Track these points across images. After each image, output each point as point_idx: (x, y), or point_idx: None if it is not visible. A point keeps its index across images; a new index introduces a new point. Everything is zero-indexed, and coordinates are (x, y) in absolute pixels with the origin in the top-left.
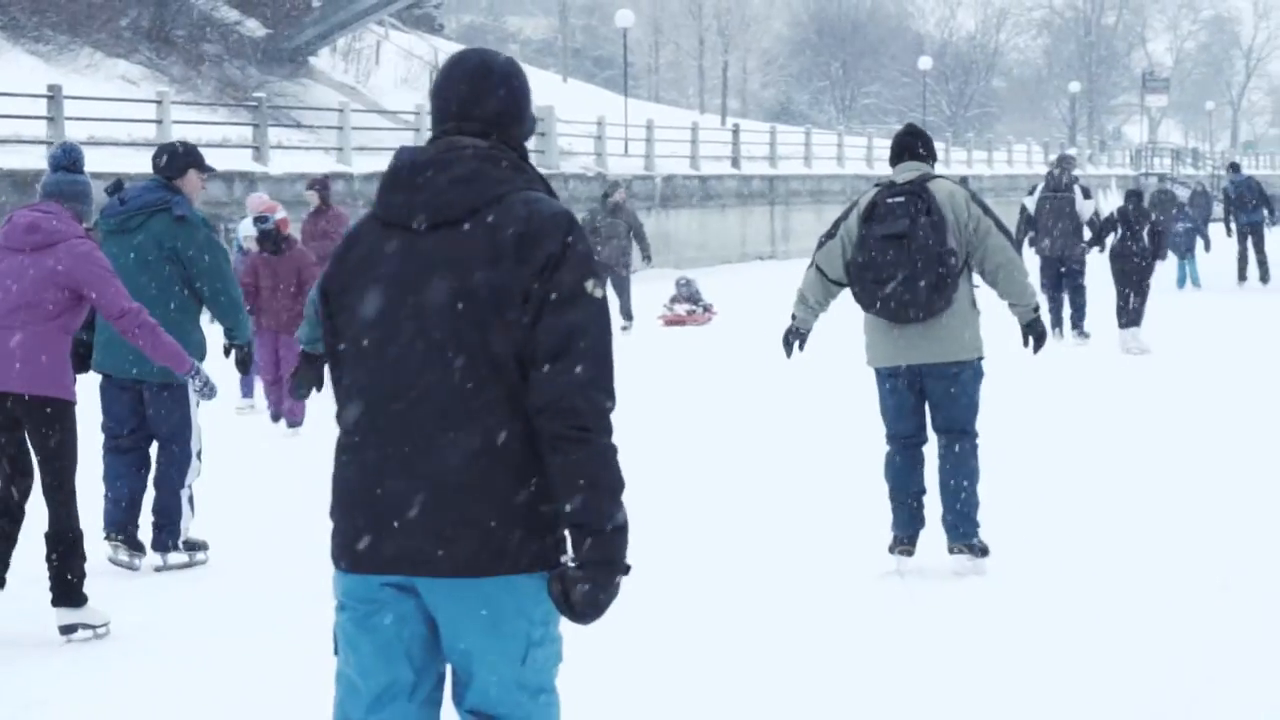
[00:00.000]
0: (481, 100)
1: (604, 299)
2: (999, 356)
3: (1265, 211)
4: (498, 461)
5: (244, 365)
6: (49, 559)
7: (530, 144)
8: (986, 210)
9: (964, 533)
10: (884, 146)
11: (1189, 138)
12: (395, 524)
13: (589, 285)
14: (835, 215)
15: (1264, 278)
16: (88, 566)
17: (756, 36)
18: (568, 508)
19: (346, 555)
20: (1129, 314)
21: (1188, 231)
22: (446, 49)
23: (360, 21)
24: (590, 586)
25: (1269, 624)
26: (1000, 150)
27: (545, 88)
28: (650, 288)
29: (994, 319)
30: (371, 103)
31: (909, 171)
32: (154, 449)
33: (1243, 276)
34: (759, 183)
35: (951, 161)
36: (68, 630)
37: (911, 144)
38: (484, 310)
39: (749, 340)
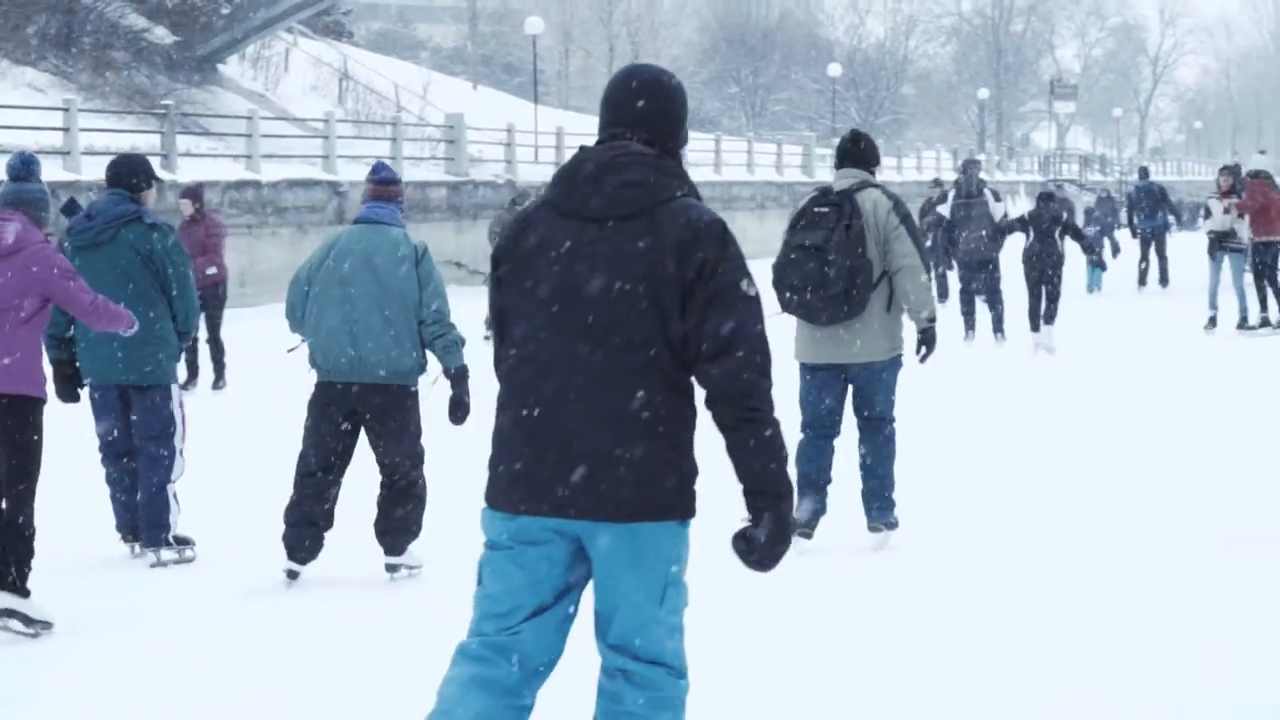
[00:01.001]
0: (654, 113)
1: (758, 295)
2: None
3: (1167, 217)
4: (649, 423)
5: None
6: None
7: (439, 151)
8: (904, 219)
9: (880, 510)
10: (793, 153)
11: (1097, 144)
12: (562, 476)
13: (744, 285)
14: (745, 222)
15: (1163, 281)
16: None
17: (666, 43)
18: (747, 476)
19: (512, 501)
20: (1044, 314)
21: (1095, 236)
22: (356, 56)
23: (269, 29)
24: (770, 541)
25: (1176, 600)
26: (910, 157)
27: (455, 95)
28: None
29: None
30: (280, 110)
31: (847, 179)
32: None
33: (1143, 281)
34: None
35: None
36: (2, 614)
37: (853, 150)
38: (643, 296)
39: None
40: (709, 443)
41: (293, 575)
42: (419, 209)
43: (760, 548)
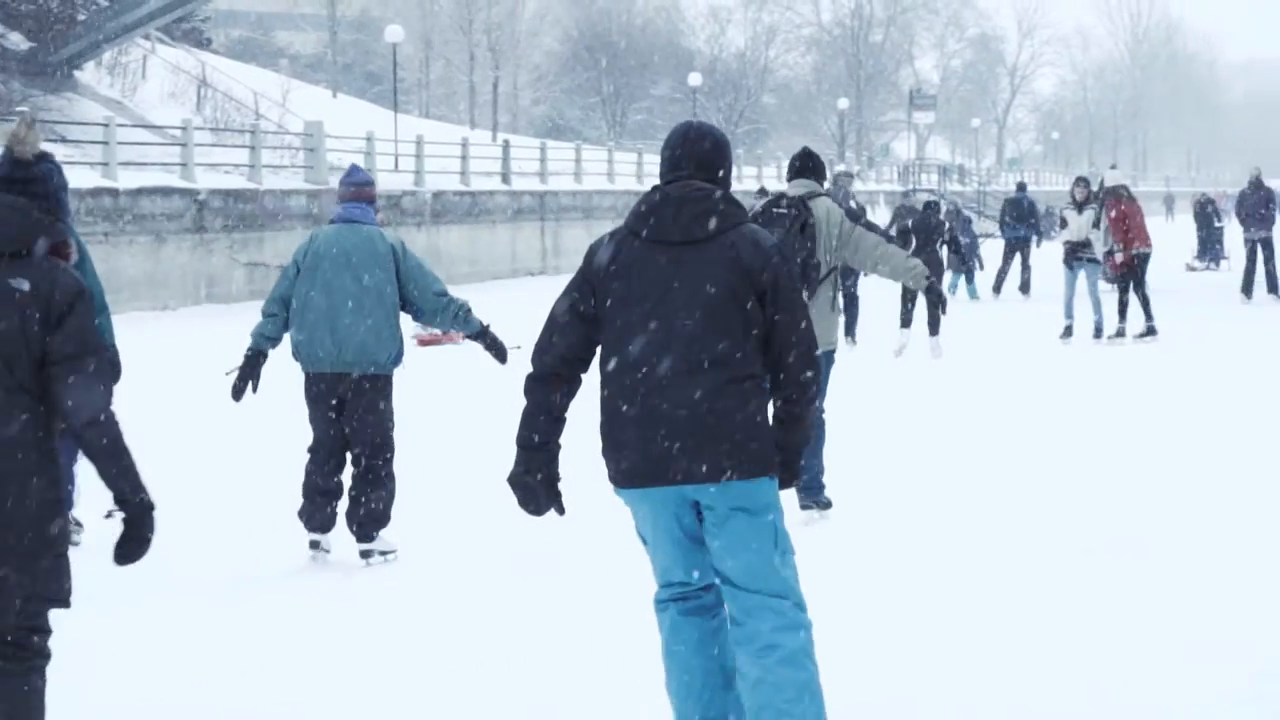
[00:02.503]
0: (714, 160)
1: (805, 298)
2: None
3: (1036, 227)
4: (742, 398)
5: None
6: None
7: (298, 159)
8: (858, 220)
9: (812, 491)
10: (653, 162)
11: (956, 154)
12: (676, 445)
13: (800, 293)
14: (604, 231)
15: (1024, 289)
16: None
17: (527, 52)
18: (785, 437)
19: (638, 476)
20: (929, 322)
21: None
22: (214, 63)
23: (127, 35)
24: (784, 482)
25: (1030, 610)
26: (770, 166)
27: (314, 103)
28: None
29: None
30: (138, 117)
31: (800, 188)
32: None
33: (997, 289)
34: (529, 199)
35: None
36: None
37: (805, 165)
38: (721, 298)
39: (517, 357)
40: None
41: (314, 546)
42: (278, 217)
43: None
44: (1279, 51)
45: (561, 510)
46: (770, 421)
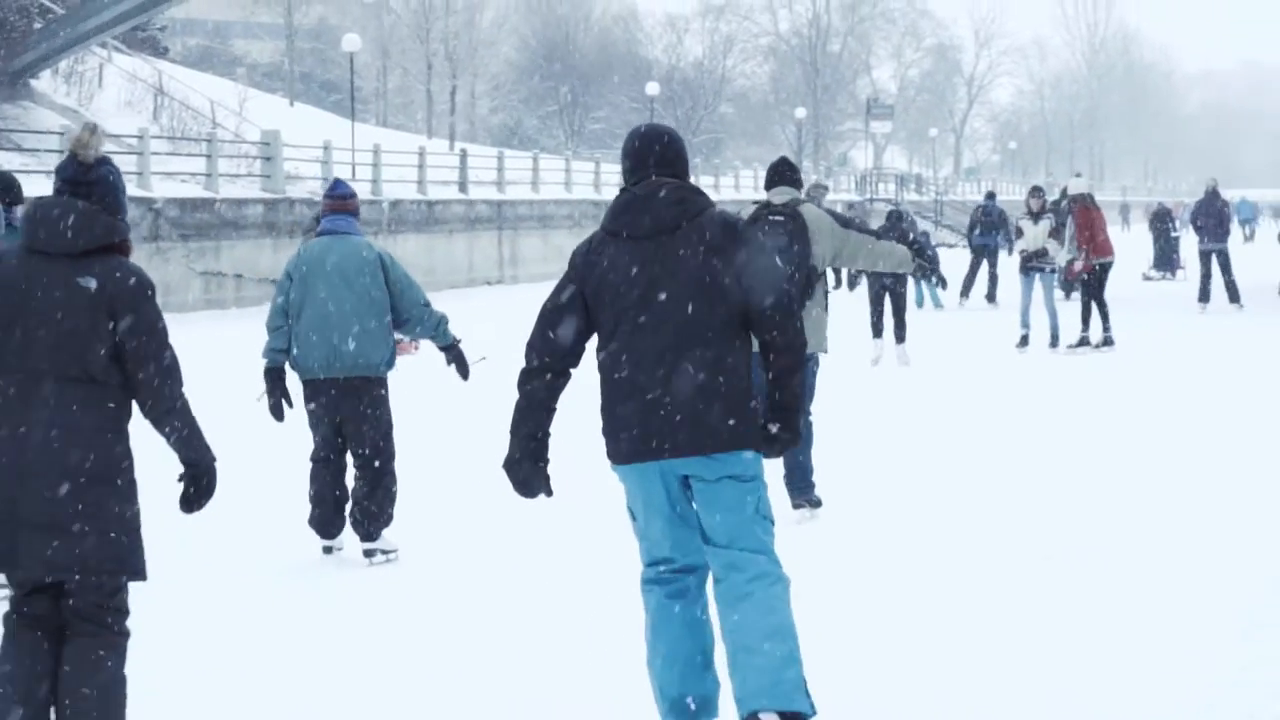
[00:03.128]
0: (671, 156)
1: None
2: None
3: (1007, 236)
4: (728, 376)
5: None
6: None
7: (255, 168)
8: (847, 223)
9: (802, 490)
10: (611, 171)
11: (913, 163)
12: (664, 423)
13: (777, 260)
14: (562, 240)
15: (990, 298)
16: None
17: (485, 61)
18: (781, 397)
19: (625, 451)
20: (894, 330)
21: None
22: (171, 72)
23: (83, 44)
24: (789, 440)
25: (992, 613)
26: (728, 175)
27: (272, 112)
28: None
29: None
30: None
31: (784, 195)
32: None
33: (965, 293)
34: (486, 208)
35: None
36: None
37: (787, 174)
38: (700, 279)
39: (480, 370)
40: None
41: (328, 550)
42: (234, 226)
43: (781, 445)
44: (1235, 63)
45: (550, 492)
46: (753, 400)
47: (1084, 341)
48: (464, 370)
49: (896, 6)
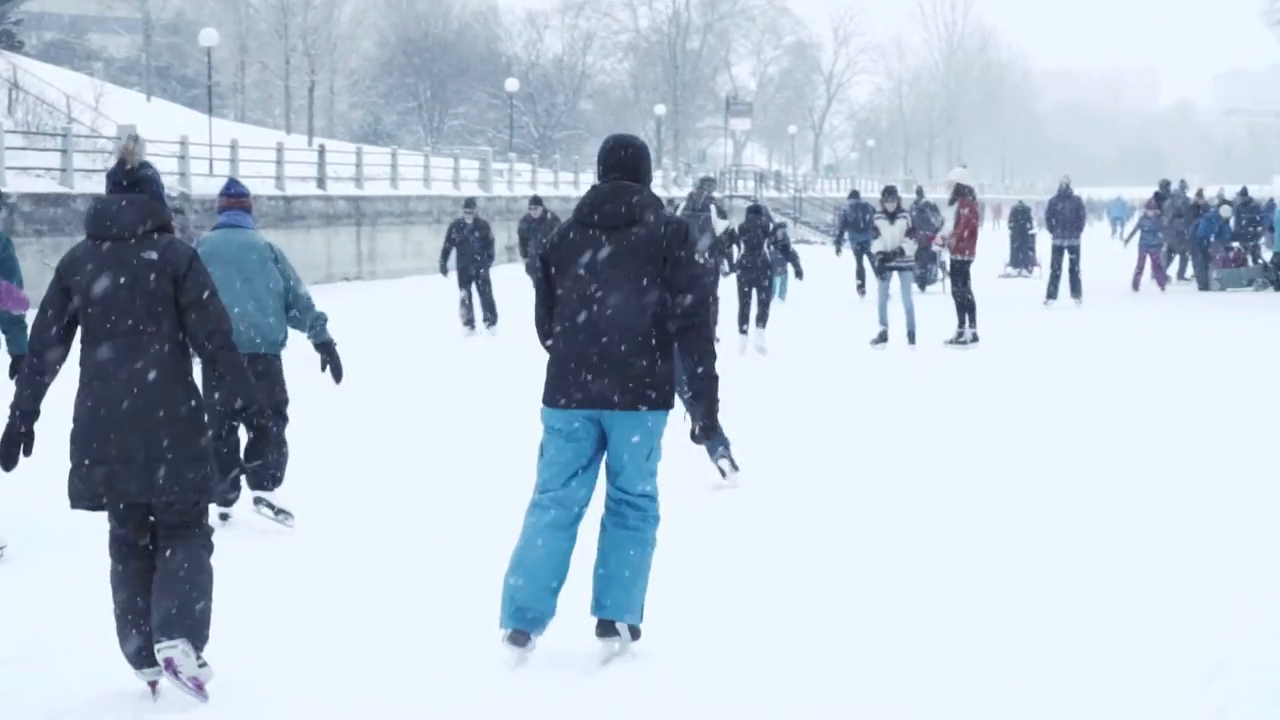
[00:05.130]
0: (634, 163)
1: (704, 263)
2: None
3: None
4: (647, 346)
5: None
6: None
7: (111, 163)
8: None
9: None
10: (470, 167)
11: (773, 160)
12: (594, 381)
13: (696, 258)
14: (421, 236)
15: (862, 290)
16: None
17: (344, 57)
18: (691, 376)
19: (561, 398)
20: (756, 318)
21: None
22: (27, 66)
23: None
24: (705, 412)
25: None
26: (588, 172)
27: (129, 107)
28: None
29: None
30: None
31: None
32: None
33: (862, 290)
34: (344, 203)
35: (539, 183)
36: None
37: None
38: (645, 268)
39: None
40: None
41: (224, 518)
42: None
43: (701, 419)
44: (1091, 62)
45: None
46: (667, 366)
47: (960, 337)
48: (337, 372)
49: (756, 4)
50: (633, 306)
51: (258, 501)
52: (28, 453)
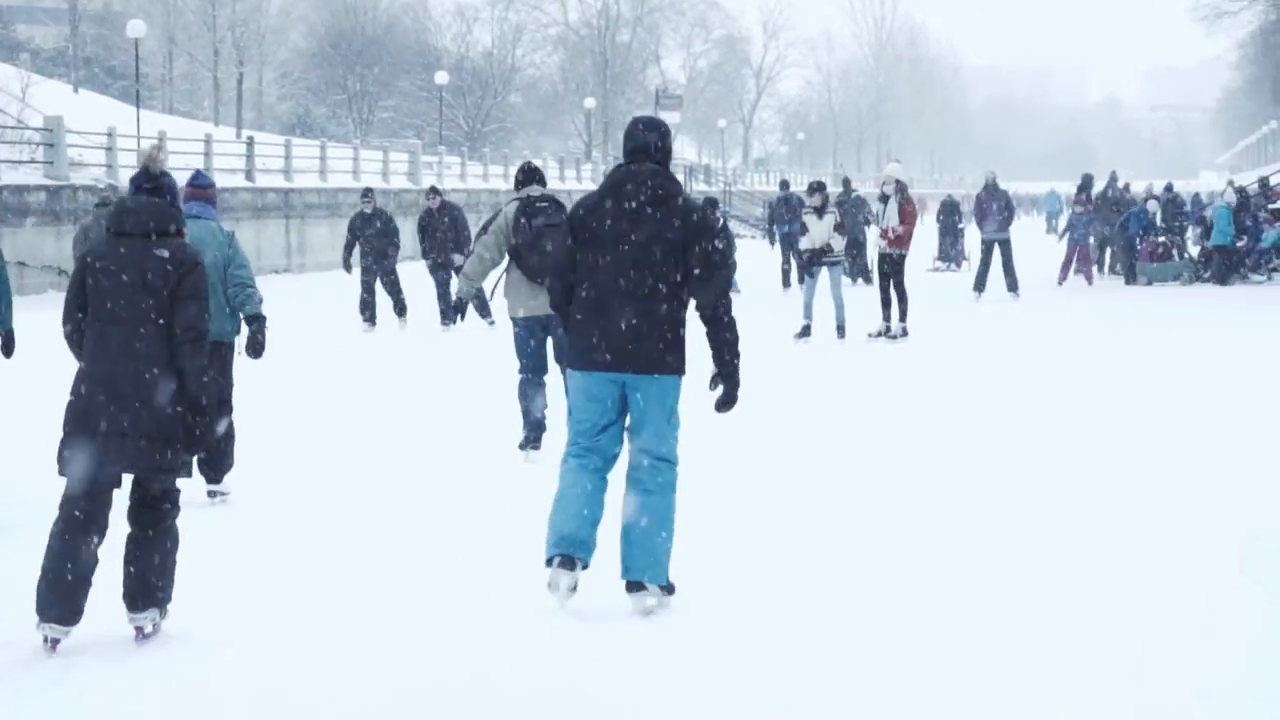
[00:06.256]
0: (659, 146)
1: (724, 245)
2: None
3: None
4: (668, 316)
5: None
6: None
7: (38, 154)
8: None
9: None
10: (400, 160)
11: (702, 154)
12: (614, 347)
13: (716, 242)
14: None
15: (788, 282)
16: None
17: (273, 49)
18: (722, 356)
19: (586, 362)
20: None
21: None
22: None
23: None
24: (730, 389)
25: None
26: (516, 165)
27: (56, 98)
28: None
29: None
30: None
31: (535, 189)
32: None
33: (786, 283)
34: (274, 196)
35: (468, 175)
36: None
37: (535, 174)
38: (665, 245)
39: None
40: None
41: (212, 495)
42: (16, 213)
43: (725, 395)
44: (1019, 58)
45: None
46: (681, 337)
47: (887, 330)
48: (257, 347)
49: None
50: (652, 279)
51: (212, 494)
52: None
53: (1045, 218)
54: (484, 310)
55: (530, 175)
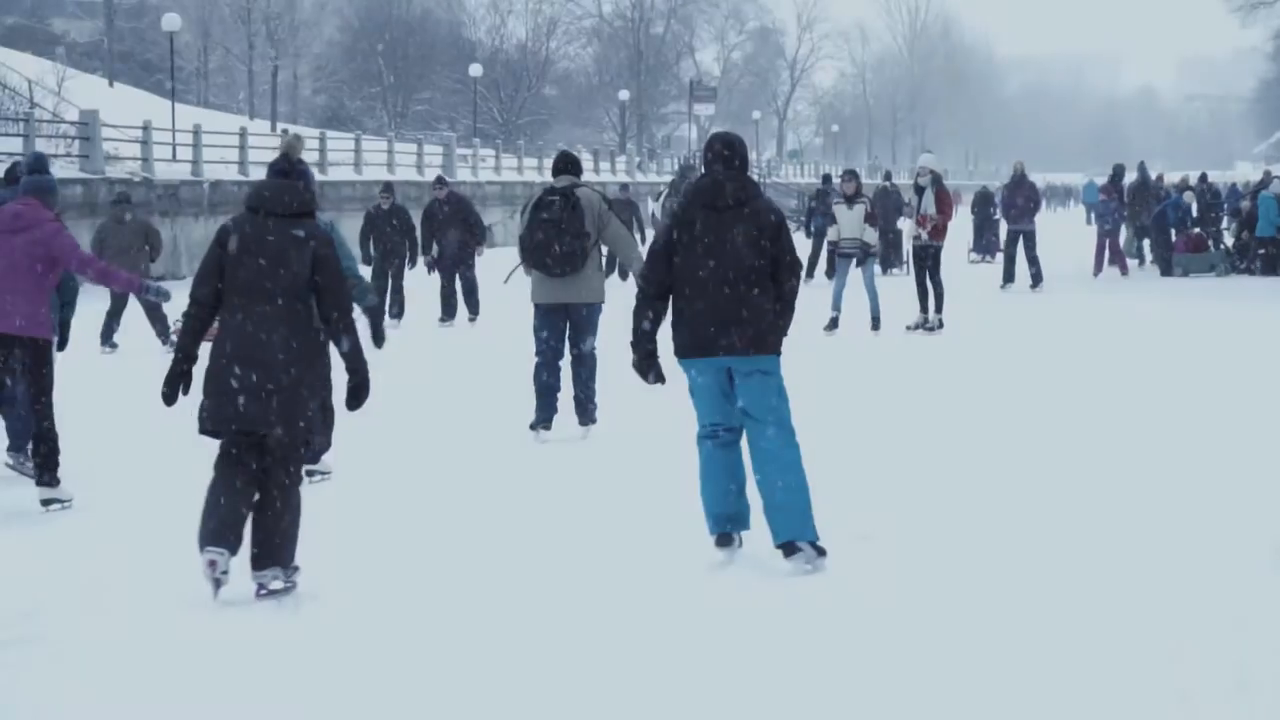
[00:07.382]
0: (738, 156)
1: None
2: None
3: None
4: (765, 300)
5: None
6: (36, 451)
7: (74, 148)
8: (611, 206)
9: (586, 413)
10: (434, 153)
11: None
12: (717, 334)
13: (792, 245)
14: None
15: (811, 274)
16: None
17: (307, 42)
18: (784, 320)
19: (695, 351)
20: None
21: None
22: None
23: None
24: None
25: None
26: (551, 157)
27: (91, 92)
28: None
29: None
30: None
31: (564, 180)
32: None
33: (810, 274)
34: None
35: (503, 168)
36: (46, 503)
37: (567, 165)
38: (755, 240)
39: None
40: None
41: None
42: None
43: None
44: (1053, 48)
45: (662, 379)
46: (776, 321)
47: (924, 323)
48: (378, 338)
49: None
50: (746, 270)
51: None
52: (185, 391)
53: (1085, 209)
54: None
55: (562, 165)
